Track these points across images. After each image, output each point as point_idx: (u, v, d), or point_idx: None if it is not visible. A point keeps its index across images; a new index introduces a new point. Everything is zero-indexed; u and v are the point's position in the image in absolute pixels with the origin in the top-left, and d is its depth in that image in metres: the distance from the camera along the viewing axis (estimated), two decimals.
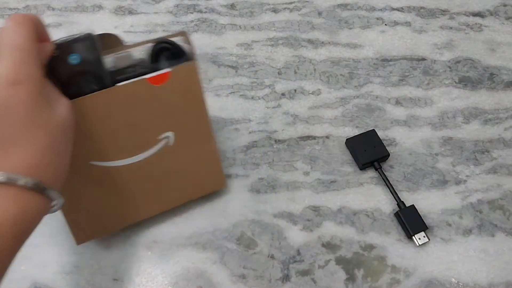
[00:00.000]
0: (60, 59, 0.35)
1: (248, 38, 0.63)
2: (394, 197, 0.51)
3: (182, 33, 0.41)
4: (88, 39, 0.35)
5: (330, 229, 0.50)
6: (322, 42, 0.63)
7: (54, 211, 0.35)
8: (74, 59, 0.35)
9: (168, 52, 0.40)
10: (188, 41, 0.41)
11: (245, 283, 0.47)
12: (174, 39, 0.41)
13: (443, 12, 0.65)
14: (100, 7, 0.64)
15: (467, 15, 0.65)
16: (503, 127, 0.57)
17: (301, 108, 0.58)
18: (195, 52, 0.42)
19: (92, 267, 0.48)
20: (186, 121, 0.43)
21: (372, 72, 0.61)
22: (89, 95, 0.37)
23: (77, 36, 0.35)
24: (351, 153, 0.55)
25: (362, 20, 0.64)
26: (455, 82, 0.60)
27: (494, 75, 0.61)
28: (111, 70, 0.38)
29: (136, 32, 0.63)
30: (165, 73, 0.39)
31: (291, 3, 0.65)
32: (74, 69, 0.35)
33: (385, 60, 0.62)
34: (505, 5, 0.66)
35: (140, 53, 0.40)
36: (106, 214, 0.46)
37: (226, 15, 0.64)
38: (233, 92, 0.59)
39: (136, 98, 0.39)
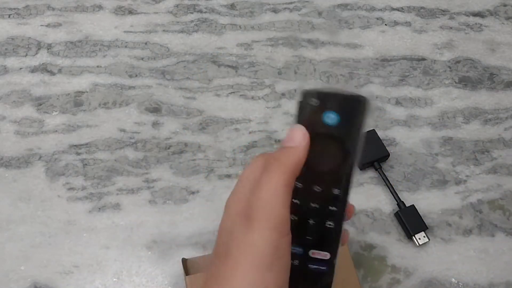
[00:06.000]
0: None
1: (248, 38, 0.63)
2: (394, 197, 0.51)
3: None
4: None
5: None
6: (322, 42, 0.62)
7: None
8: None
9: None
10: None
11: None
12: None
13: (443, 12, 0.65)
14: (100, 7, 0.64)
15: (467, 15, 0.65)
16: (503, 127, 0.57)
17: None
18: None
19: (92, 267, 0.48)
20: None
21: (372, 72, 0.61)
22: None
23: None
24: None
25: (362, 20, 0.64)
26: (455, 82, 0.60)
27: (494, 75, 0.61)
28: None
29: (136, 32, 0.63)
30: None
31: (291, 3, 0.65)
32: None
33: (385, 60, 0.62)
34: (505, 5, 0.66)
35: None
36: None
37: (226, 15, 0.64)
38: (233, 92, 0.59)
39: None
